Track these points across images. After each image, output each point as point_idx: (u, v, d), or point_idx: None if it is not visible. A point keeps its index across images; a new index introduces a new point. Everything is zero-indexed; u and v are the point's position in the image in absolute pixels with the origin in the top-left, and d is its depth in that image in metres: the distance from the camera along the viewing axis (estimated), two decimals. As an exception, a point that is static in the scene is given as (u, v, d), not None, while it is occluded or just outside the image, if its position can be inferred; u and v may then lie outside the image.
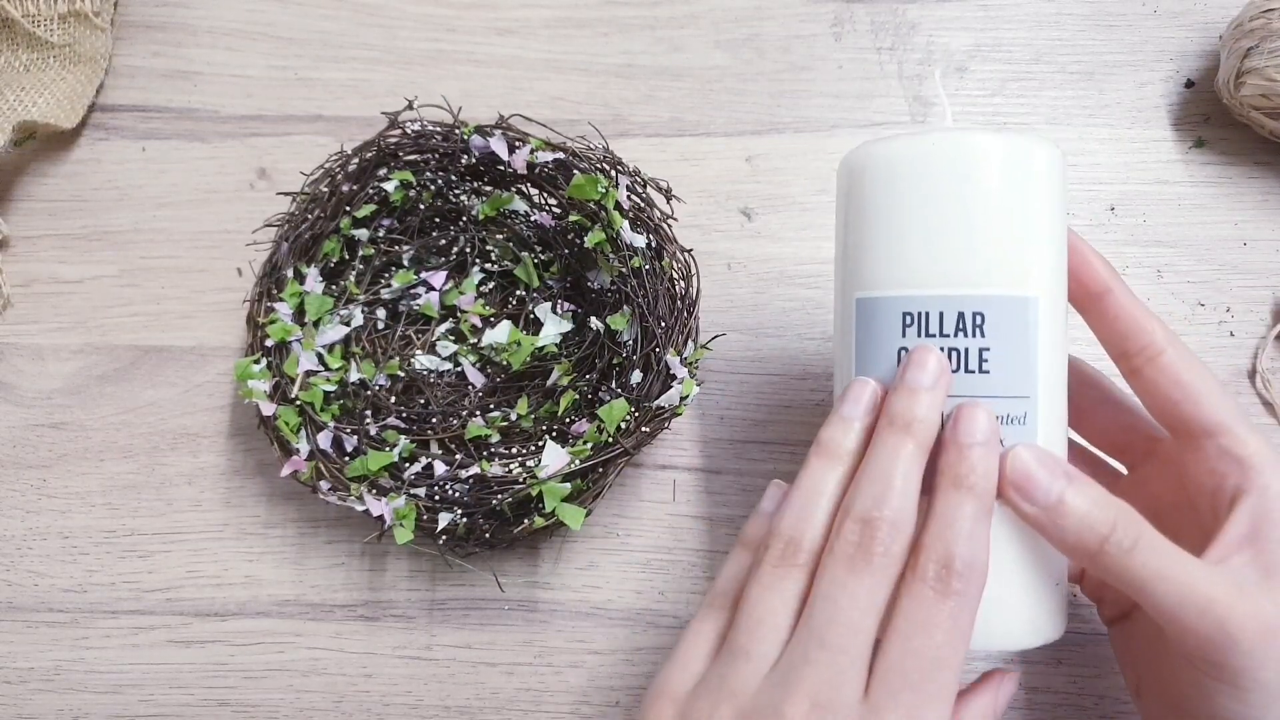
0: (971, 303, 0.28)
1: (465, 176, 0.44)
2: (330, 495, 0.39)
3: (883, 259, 0.30)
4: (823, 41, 0.49)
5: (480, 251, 0.45)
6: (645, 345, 0.38)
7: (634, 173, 0.41)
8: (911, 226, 0.29)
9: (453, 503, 0.37)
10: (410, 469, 0.39)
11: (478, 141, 0.42)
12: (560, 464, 0.37)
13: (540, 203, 0.43)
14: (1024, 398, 0.28)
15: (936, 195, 0.29)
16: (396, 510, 0.37)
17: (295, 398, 0.40)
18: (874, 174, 0.30)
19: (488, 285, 0.46)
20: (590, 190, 0.39)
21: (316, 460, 0.39)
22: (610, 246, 0.39)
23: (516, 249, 0.45)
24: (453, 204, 0.44)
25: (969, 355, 0.28)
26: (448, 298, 0.45)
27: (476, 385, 0.43)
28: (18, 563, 0.43)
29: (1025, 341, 0.28)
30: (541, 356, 0.43)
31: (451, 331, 0.45)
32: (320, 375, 0.41)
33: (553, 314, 0.43)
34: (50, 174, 0.48)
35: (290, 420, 0.40)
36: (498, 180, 0.44)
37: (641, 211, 0.40)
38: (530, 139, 0.41)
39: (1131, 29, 0.49)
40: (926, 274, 0.29)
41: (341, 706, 0.40)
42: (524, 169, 0.41)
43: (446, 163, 0.43)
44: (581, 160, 0.41)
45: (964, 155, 0.29)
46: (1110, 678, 0.39)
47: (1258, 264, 0.45)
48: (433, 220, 0.45)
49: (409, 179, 0.43)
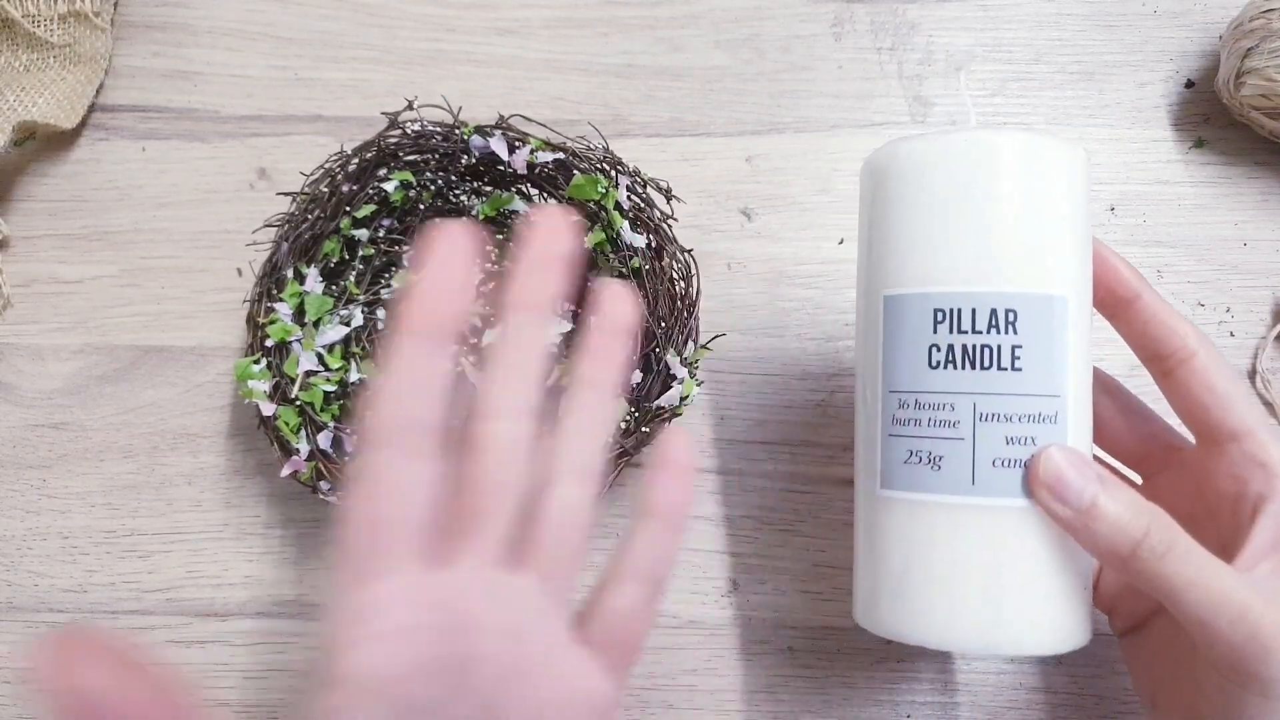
0: (1004, 300, 0.28)
1: (465, 177, 0.44)
2: (331, 495, 0.38)
3: (913, 256, 0.30)
4: (823, 41, 0.49)
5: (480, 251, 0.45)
6: (645, 345, 0.38)
7: (634, 173, 0.41)
8: (941, 224, 0.29)
9: None
10: None
11: (477, 142, 0.42)
12: None
13: (540, 203, 0.43)
14: (1055, 396, 0.28)
15: (966, 194, 0.29)
16: None
17: (295, 398, 0.40)
18: (901, 172, 0.30)
19: (487, 285, 0.46)
20: (590, 190, 0.39)
21: (316, 460, 0.39)
22: (610, 246, 0.39)
23: (517, 249, 0.45)
24: (453, 204, 0.44)
25: (1001, 353, 0.28)
26: None
27: (477, 386, 0.43)
28: (18, 563, 0.43)
29: (1056, 340, 0.28)
30: None
31: None
32: (320, 375, 0.41)
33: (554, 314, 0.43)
34: (50, 174, 0.48)
35: (290, 420, 0.40)
36: (498, 180, 0.44)
37: (641, 212, 0.40)
38: (530, 139, 0.41)
39: (1131, 29, 0.49)
40: (958, 271, 0.29)
41: (341, 706, 0.40)
42: (524, 169, 0.41)
43: (446, 163, 0.43)
44: (581, 160, 0.41)
45: (993, 154, 0.29)
46: (1111, 678, 0.39)
47: (1258, 264, 0.45)
48: (432, 220, 0.45)
49: (409, 179, 0.43)
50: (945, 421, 0.29)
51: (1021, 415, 0.28)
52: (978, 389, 0.28)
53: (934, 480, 0.29)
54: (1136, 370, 0.43)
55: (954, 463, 0.29)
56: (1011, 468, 0.28)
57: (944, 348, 0.29)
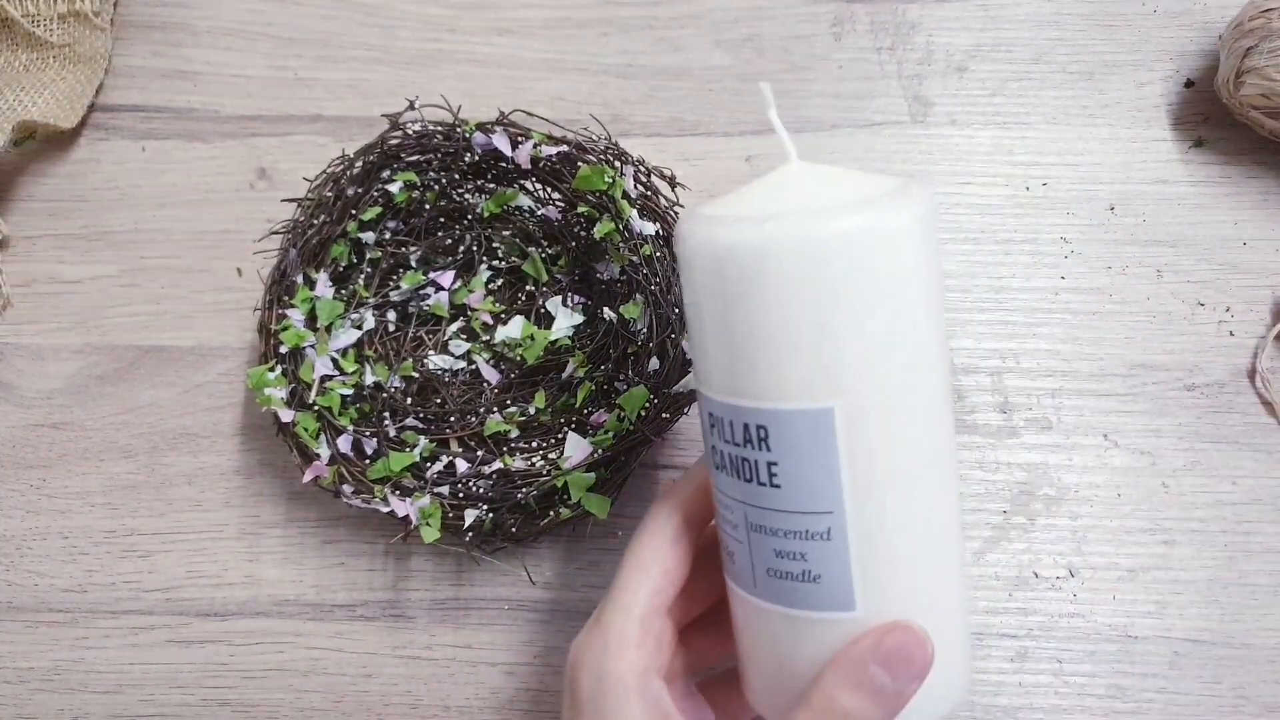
0: (756, 415, 0.25)
1: (468, 175, 0.44)
2: (354, 499, 0.38)
3: (694, 354, 0.28)
4: (823, 41, 0.49)
5: (486, 249, 0.45)
6: (661, 332, 0.38)
7: (638, 162, 0.41)
8: (698, 328, 0.26)
9: (478, 499, 0.37)
10: (432, 468, 0.39)
11: (480, 139, 0.42)
12: (583, 454, 0.37)
13: (545, 197, 0.43)
14: (825, 513, 0.25)
15: (718, 295, 0.25)
16: (422, 509, 0.37)
17: (313, 403, 0.40)
18: (680, 257, 0.27)
19: (496, 282, 0.46)
20: (597, 181, 0.39)
21: (338, 464, 0.39)
22: (620, 236, 0.39)
23: (523, 244, 0.45)
24: (456, 203, 0.44)
25: (759, 467, 0.26)
26: (457, 297, 0.45)
27: (491, 382, 0.44)
28: (18, 563, 0.43)
29: (821, 456, 0.25)
30: (554, 350, 0.43)
31: (463, 330, 0.45)
32: (336, 379, 0.41)
33: (563, 307, 0.43)
34: (50, 174, 0.48)
35: (309, 426, 0.39)
36: (501, 177, 0.44)
37: (648, 200, 0.40)
38: (533, 133, 0.41)
39: (1131, 29, 0.49)
40: (719, 379, 0.26)
41: (341, 706, 0.40)
42: (528, 164, 0.41)
43: (449, 162, 0.43)
44: (586, 152, 0.41)
45: (737, 252, 0.25)
46: (1110, 678, 0.39)
47: (1258, 264, 0.45)
48: (438, 220, 0.45)
49: (414, 180, 0.43)
50: (729, 523, 0.27)
51: (787, 531, 0.26)
52: (747, 500, 0.26)
53: (732, 570, 0.28)
54: (1137, 369, 0.43)
55: (741, 561, 0.27)
56: (785, 579, 0.26)
57: (720, 452, 0.27)
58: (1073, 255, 0.45)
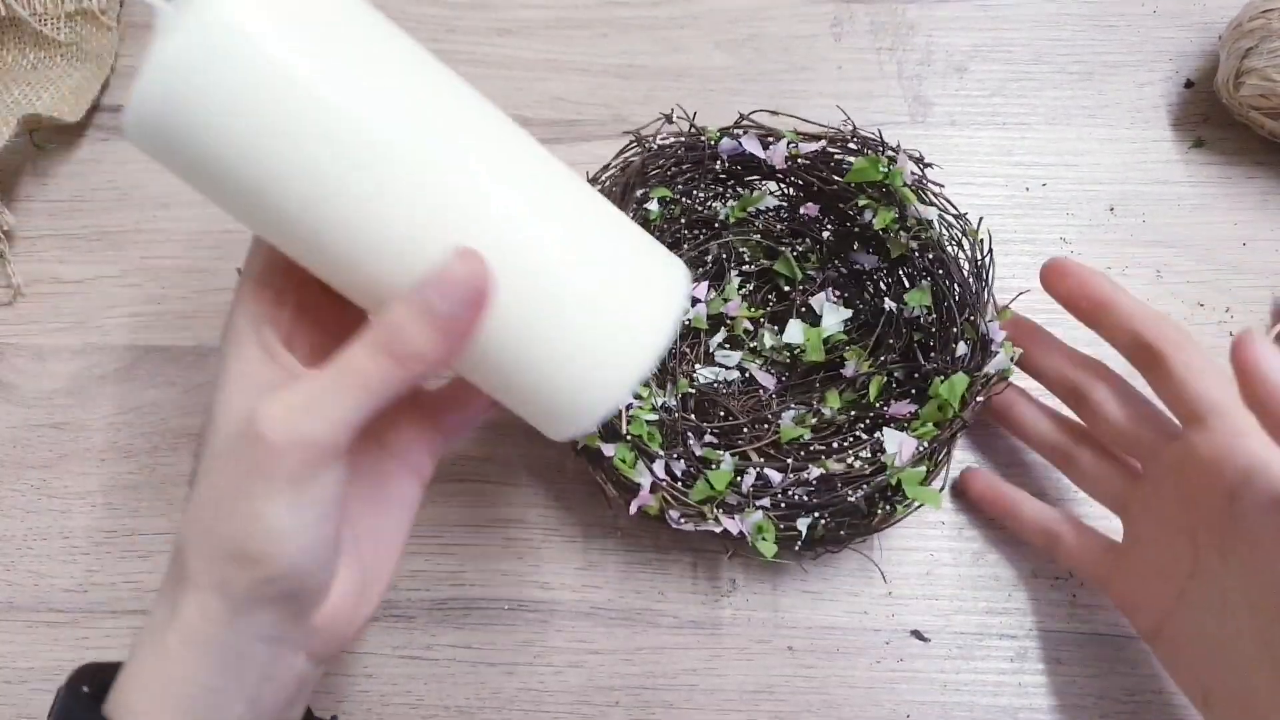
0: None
1: (720, 180, 0.43)
2: (684, 524, 0.37)
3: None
4: (823, 41, 0.49)
5: (734, 255, 0.45)
6: (959, 315, 0.38)
7: (897, 148, 0.40)
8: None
9: (804, 507, 0.37)
10: (746, 482, 0.38)
11: (727, 144, 0.41)
12: (911, 449, 0.37)
13: (794, 195, 0.43)
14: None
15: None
16: (756, 525, 0.37)
17: (626, 433, 0.38)
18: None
19: (746, 287, 0.45)
20: (872, 172, 0.39)
21: (661, 490, 0.38)
22: (897, 225, 0.40)
23: (774, 245, 0.44)
24: (700, 211, 0.43)
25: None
26: (712, 306, 0.44)
27: (769, 388, 0.43)
28: (18, 563, 0.43)
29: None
30: (828, 347, 0.43)
31: (727, 340, 0.44)
32: (635, 407, 0.39)
33: (829, 303, 0.43)
34: (52, 174, 0.48)
35: (625, 457, 0.38)
36: (743, 179, 0.43)
37: (922, 185, 0.40)
38: (782, 133, 0.41)
39: (1131, 29, 0.49)
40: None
41: (342, 706, 0.40)
42: (782, 164, 0.41)
43: (698, 171, 0.42)
44: (843, 143, 0.41)
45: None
46: (1110, 678, 0.39)
47: (1258, 264, 0.45)
48: (681, 232, 0.44)
49: (666, 195, 0.41)
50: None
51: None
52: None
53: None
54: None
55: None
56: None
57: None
58: (1072, 255, 0.45)
